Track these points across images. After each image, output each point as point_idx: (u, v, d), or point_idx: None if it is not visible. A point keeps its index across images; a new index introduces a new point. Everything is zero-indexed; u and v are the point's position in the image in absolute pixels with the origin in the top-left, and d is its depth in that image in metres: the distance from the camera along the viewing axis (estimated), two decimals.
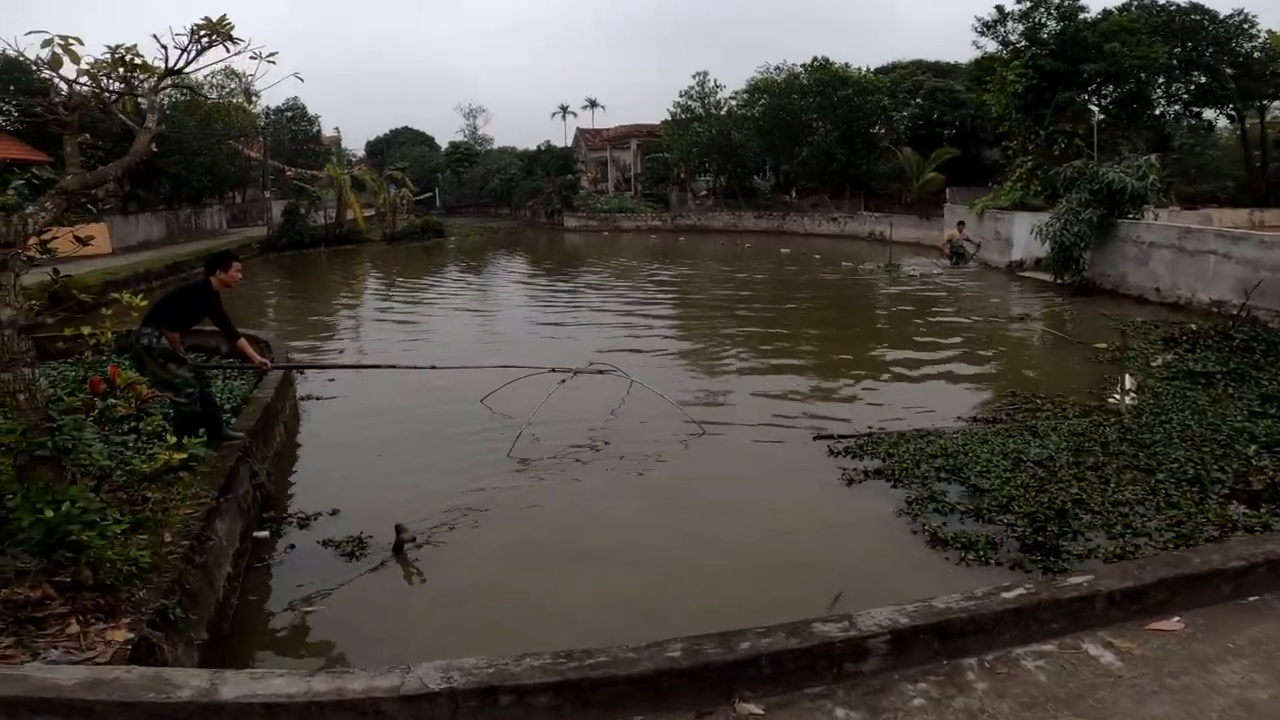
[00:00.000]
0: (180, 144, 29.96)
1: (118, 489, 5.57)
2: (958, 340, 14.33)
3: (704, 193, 49.76)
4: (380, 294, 23.74)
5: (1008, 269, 21.62)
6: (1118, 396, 10.24)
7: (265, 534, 6.68)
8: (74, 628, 3.65)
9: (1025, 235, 21.07)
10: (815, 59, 40.56)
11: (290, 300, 22.85)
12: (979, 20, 26.12)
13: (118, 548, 4.07)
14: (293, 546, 6.51)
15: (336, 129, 61.85)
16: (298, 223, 35.53)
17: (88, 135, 4.63)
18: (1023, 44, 24.34)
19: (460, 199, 65.01)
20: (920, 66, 45.31)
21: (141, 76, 5.67)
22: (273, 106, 50.66)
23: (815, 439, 8.93)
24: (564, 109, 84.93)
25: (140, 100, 5.83)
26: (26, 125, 26.13)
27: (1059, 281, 18.56)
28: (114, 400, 5.12)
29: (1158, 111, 30.08)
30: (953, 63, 46.24)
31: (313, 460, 8.89)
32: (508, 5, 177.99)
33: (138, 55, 5.63)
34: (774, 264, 27.03)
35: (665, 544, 6.78)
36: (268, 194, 38.93)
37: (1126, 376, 10.94)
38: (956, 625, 3.62)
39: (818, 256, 28.79)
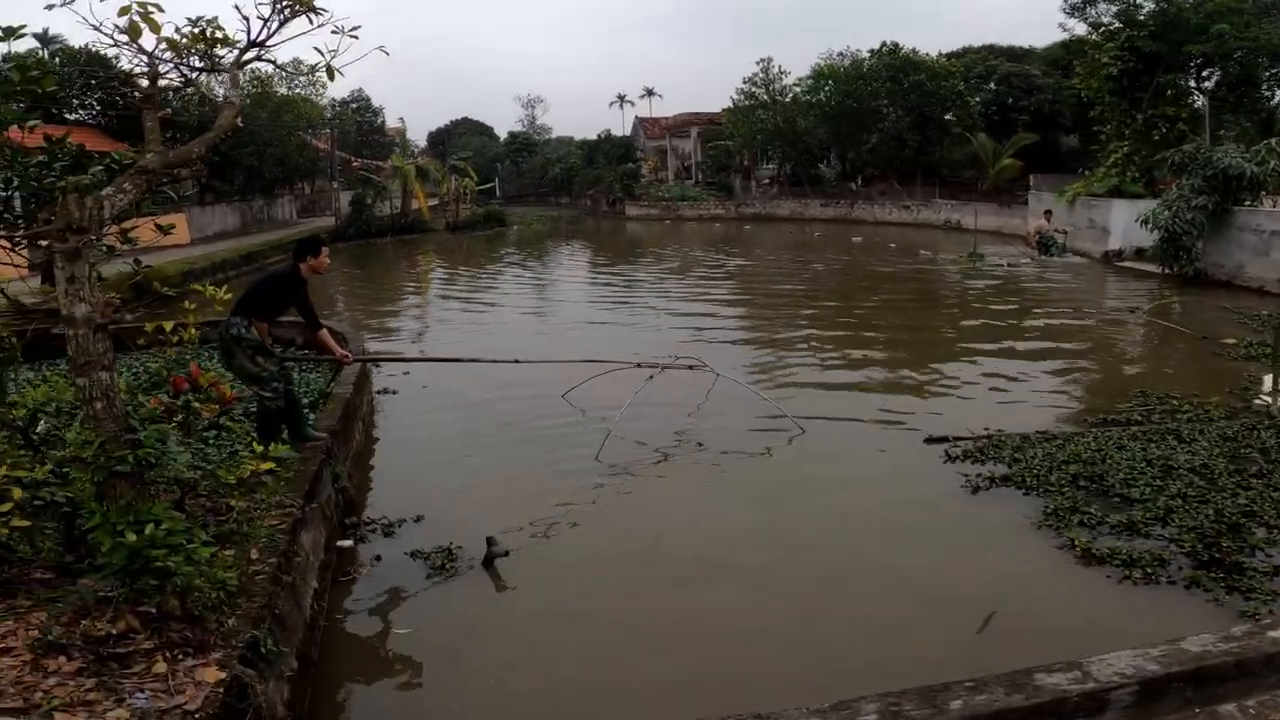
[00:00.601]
0: (253, 135, 30.25)
1: (199, 496, 5.20)
2: (1062, 334, 13.38)
3: (766, 181, 48.70)
4: (447, 284, 23.51)
5: (1104, 259, 20.35)
6: (1266, 397, 9.25)
7: (349, 544, 6.27)
8: (161, 666, 3.22)
9: (1124, 223, 19.81)
10: (884, 44, 39.37)
11: (361, 289, 22.76)
12: (1067, 1, 24.70)
13: (206, 572, 3.63)
14: (379, 558, 6.08)
15: (401, 119, 62.41)
16: (364, 213, 35.72)
17: (169, 110, 4.11)
18: (1116, 25, 22.95)
19: (519, 188, 65.01)
20: (993, 51, 43.74)
21: (222, 51, 5.27)
22: (338, 98, 51.33)
23: (927, 441, 8.23)
24: (621, 98, 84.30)
25: (222, 77, 5.41)
26: (109, 118, 26.64)
27: (1166, 272, 17.32)
28: (197, 403, 4.73)
29: (1267, 95, 28.14)
30: (1027, 47, 44.55)
31: (392, 460, 8.49)
32: None
33: (218, 28, 5.23)
34: (848, 253, 26.08)
35: (774, 556, 6.19)
36: (335, 185, 39.24)
37: (1273, 375, 9.89)
38: (1218, 671, 3.00)
39: (893, 245, 27.70)
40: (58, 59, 28.81)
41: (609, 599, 5.64)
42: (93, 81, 27.85)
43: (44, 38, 43.42)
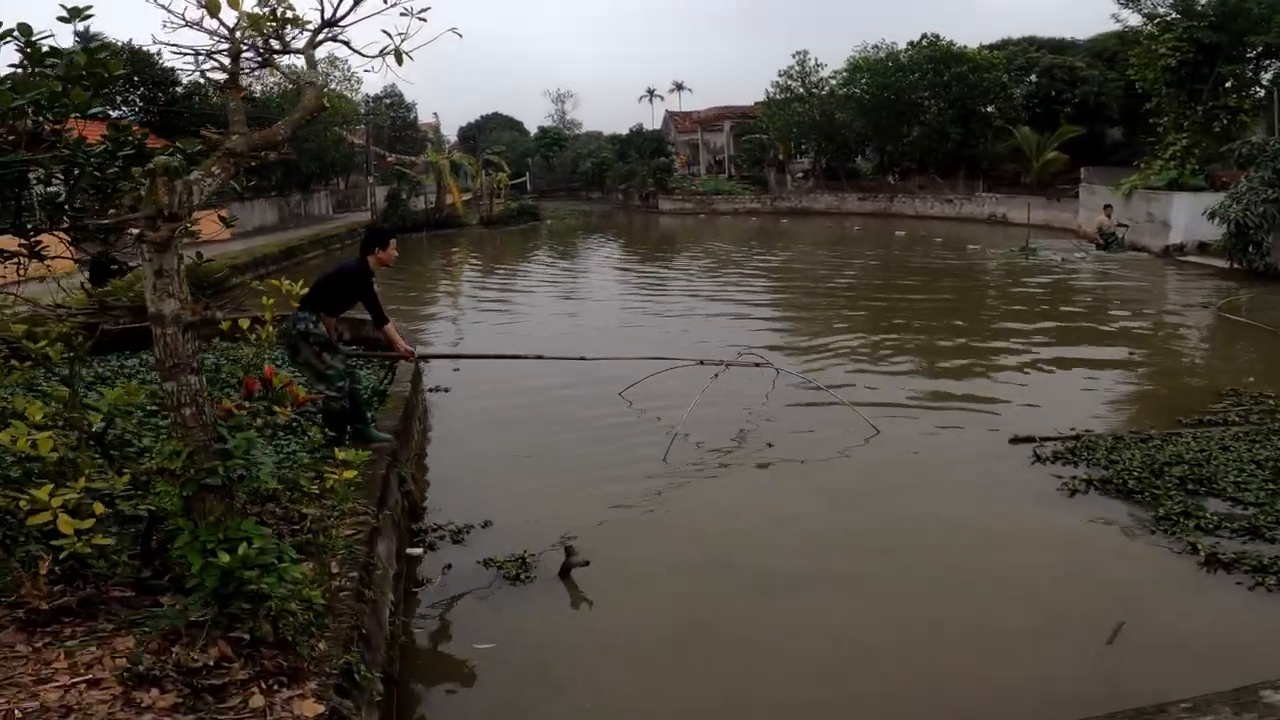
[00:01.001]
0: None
1: (271, 502, 4.94)
2: (1133, 330, 12.84)
3: (800, 174, 48.02)
4: (484, 280, 23.27)
5: (1164, 253, 19.65)
6: None
7: (419, 551, 6.01)
8: (258, 699, 2.94)
9: (1185, 217, 19.12)
10: (924, 36, 38.54)
11: (400, 283, 22.55)
12: None
13: (297, 592, 3.34)
14: (449, 567, 5.80)
15: (435, 114, 62.47)
16: (400, 208, 35.69)
17: (255, 84, 3.79)
18: (1174, 16, 22.20)
19: (550, 183, 64.83)
20: (1034, 43, 42.71)
21: (293, 32, 5.00)
22: (372, 94, 51.44)
23: (1012, 442, 7.83)
24: (651, 92, 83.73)
25: (296, 61, 5.12)
26: (151, 114, 26.71)
27: (1234, 267, 16.64)
28: (274, 406, 4.46)
29: None
30: (1070, 38, 43.49)
31: (450, 460, 8.22)
32: None
33: (290, 7, 4.96)
34: (893, 248, 25.47)
35: (868, 563, 5.86)
36: (370, 180, 39.25)
37: None
38: None
39: (939, 240, 27.05)
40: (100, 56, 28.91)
41: (698, 609, 5.32)
42: (135, 78, 28.00)
43: (85, 35, 43.79)
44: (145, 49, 27.92)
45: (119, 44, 29.27)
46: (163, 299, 3.02)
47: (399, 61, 5.15)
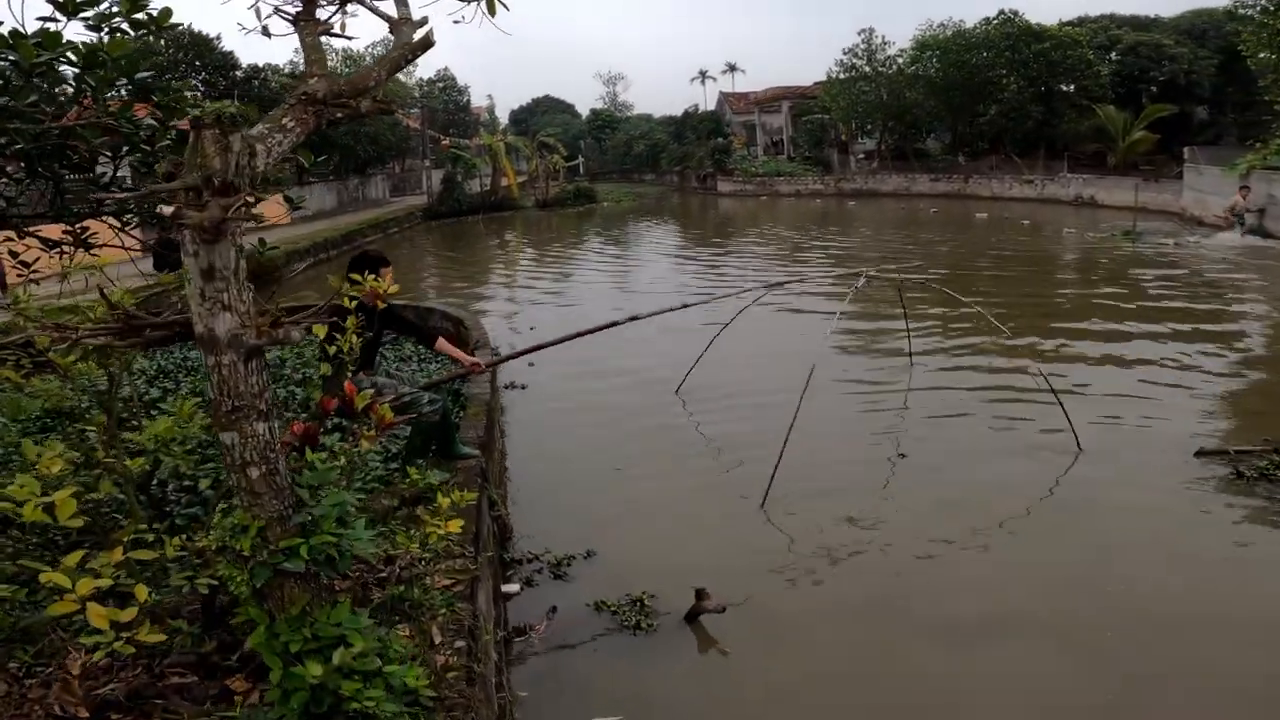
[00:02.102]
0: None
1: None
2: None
3: (862, 155, 46.23)
4: (548, 264, 22.39)
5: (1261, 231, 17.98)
6: None
7: (515, 589, 5.14)
8: None
9: None
10: (1001, 12, 36.60)
11: (455, 270, 21.87)
12: None
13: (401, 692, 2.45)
14: (554, 610, 4.92)
15: (490, 97, 61.98)
16: (455, 191, 35.13)
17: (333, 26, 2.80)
18: None
19: (602, 165, 63.97)
20: (1114, 20, 40.43)
21: None
22: (425, 78, 51.01)
23: (1198, 455, 6.71)
24: (703, 74, 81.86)
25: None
26: (214, 99, 26.40)
27: None
28: (358, 429, 3.60)
29: None
30: (1153, 16, 41.15)
31: (534, 473, 7.26)
32: None
33: None
34: (977, 232, 23.93)
35: (1068, 603, 4.86)
36: (427, 163, 38.77)
37: None
38: None
39: (1025, 223, 25.39)
40: (163, 41, 28.79)
41: (869, 664, 4.38)
42: (197, 63, 27.74)
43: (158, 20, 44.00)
44: (205, 33, 27.66)
45: (180, 29, 29.16)
46: (214, 311, 2.12)
47: (492, 10, 4.22)
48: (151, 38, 3.58)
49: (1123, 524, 5.78)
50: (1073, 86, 36.47)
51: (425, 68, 54.45)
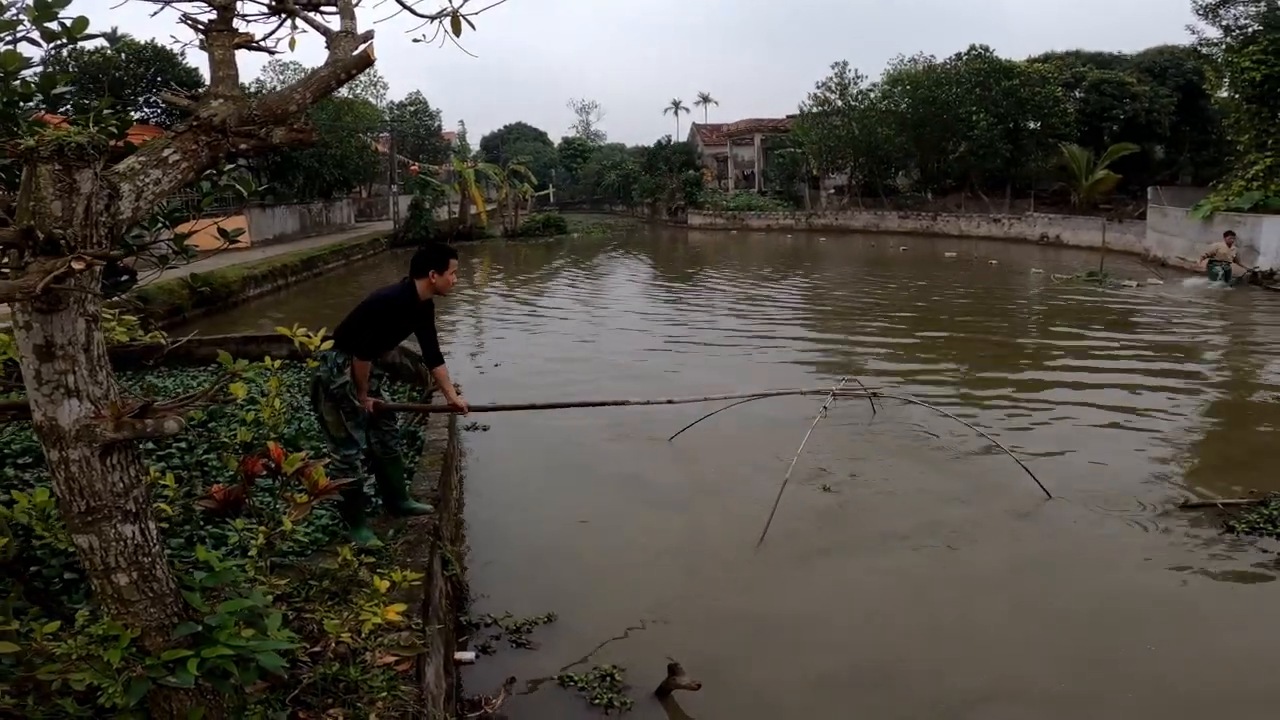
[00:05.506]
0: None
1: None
2: (1256, 370, 11.36)
3: (832, 190, 46.59)
4: (526, 300, 21.96)
5: (1253, 279, 18.09)
6: None
7: (470, 656, 4.67)
8: None
9: (1277, 240, 17.58)
10: (972, 47, 37.18)
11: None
12: (1198, 3, 22.46)
13: None
14: (512, 681, 4.46)
15: (461, 122, 61.69)
16: (423, 218, 34.56)
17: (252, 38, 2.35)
18: (1255, 28, 20.82)
19: (573, 195, 63.83)
20: (1079, 57, 41.22)
21: None
22: (396, 101, 50.64)
23: (1183, 508, 6.46)
24: (676, 104, 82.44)
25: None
26: (175, 117, 25.72)
27: None
28: (287, 494, 3.18)
29: None
30: (1116, 53, 42.12)
31: (493, 525, 6.73)
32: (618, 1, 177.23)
33: None
34: (949, 272, 23.86)
35: (1069, 678, 4.49)
36: (394, 188, 38.23)
37: None
38: None
39: (994, 262, 25.50)
40: (123, 55, 28.12)
41: None
42: (159, 79, 27.12)
43: (112, 36, 43.25)
44: (167, 48, 27.06)
45: (143, 44, 28.53)
46: (55, 399, 1.68)
47: (456, 30, 3.85)
48: (69, 49, 3.18)
49: (1116, 582, 5.47)
50: (1039, 124, 37.02)
51: (396, 90, 54.12)
